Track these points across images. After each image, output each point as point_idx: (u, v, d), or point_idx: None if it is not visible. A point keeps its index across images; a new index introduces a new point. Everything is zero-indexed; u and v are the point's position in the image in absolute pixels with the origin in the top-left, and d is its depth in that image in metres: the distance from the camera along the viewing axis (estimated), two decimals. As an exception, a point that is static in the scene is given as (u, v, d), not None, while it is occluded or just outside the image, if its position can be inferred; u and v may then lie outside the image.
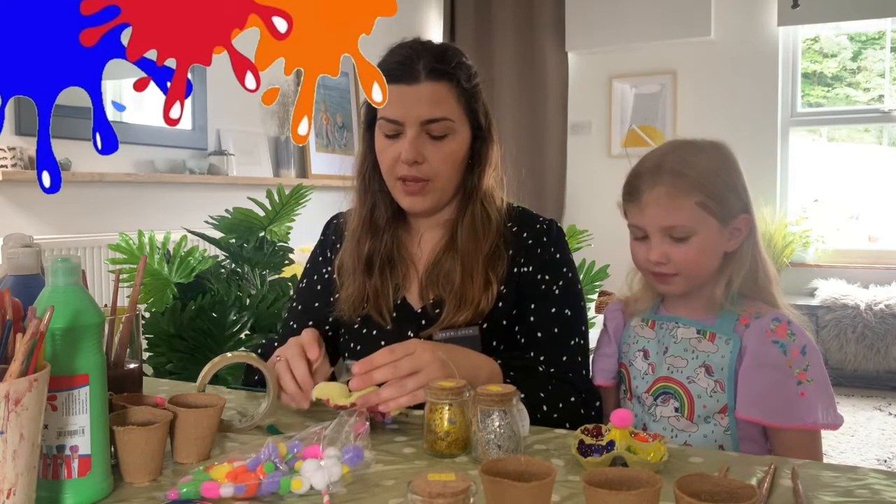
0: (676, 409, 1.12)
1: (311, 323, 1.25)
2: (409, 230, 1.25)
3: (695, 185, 1.09)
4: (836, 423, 1.06)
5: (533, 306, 1.19)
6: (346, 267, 1.23)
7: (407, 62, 1.14)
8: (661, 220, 1.10)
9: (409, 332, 1.17)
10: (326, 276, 1.29)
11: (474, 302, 1.15)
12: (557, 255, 1.22)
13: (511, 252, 1.20)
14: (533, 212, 1.28)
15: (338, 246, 1.29)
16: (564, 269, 1.22)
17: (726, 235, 1.11)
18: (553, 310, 1.18)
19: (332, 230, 1.33)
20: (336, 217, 1.34)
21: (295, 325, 1.28)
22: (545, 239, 1.22)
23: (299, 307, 1.31)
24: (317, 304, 1.28)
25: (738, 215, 1.11)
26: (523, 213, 1.26)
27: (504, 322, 1.18)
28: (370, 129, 1.21)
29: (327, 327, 1.26)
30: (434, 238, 1.24)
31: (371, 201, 1.23)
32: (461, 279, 1.16)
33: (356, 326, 1.22)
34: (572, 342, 1.18)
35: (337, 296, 1.24)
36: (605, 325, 1.26)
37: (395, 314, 1.20)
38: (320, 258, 1.32)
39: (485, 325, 1.17)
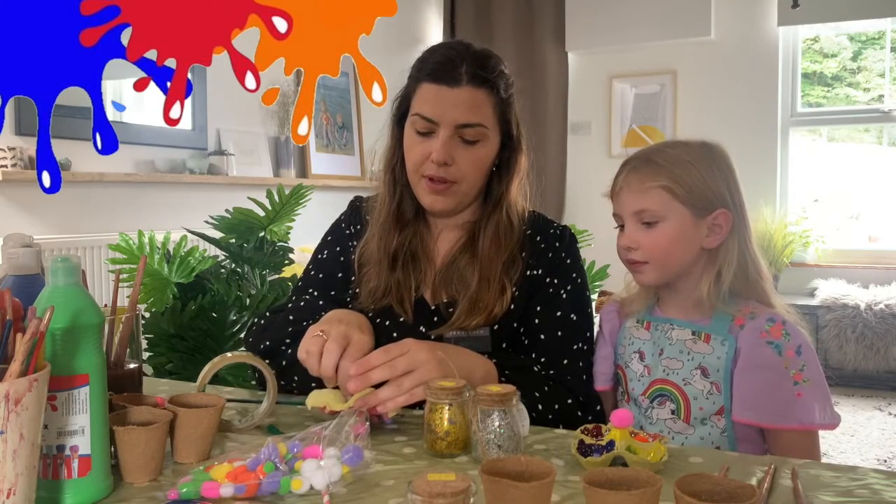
0: (673, 412, 1.12)
1: (332, 293, 1.25)
2: (429, 227, 1.26)
3: (663, 170, 1.11)
4: (833, 422, 1.06)
5: (539, 308, 1.19)
6: (370, 258, 1.22)
7: (450, 63, 1.15)
8: (631, 205, 1.12)
9: (422, 328, 1.18)
10: (352, 248, 1.28)
11: (488, 307, 1.15)
12: (568, 261, 1.23)
13: (524, 255, 1.21)
14: (548, 217, 1.29)
15: (358, 227, 1.28)
16: (574, 275, 1.22)
17: (703, 230, 1.11)
18: (558, 313, 1.19)
19: (355, 211, 1.32)
20: (358, 199, 1.34)
21: (315, 293, 1.27)
22: (557, 244, 1.23)
23: (320, 275, 1.29)
24: (340, 275, 1.27)
25: (716, 210, 1.11)
26: (538, 218, 1.27)
27: (515, 325, 1.19)
28: (400, 123, 1.21)
29: (348, 298, 1.25)
30: (452, 238, 1.24)
31: (399, 195, 1.23)
32: (477, 284, 1.17)
33: (370, 315, 1.20)
34: (575, 346, 1.18)
35: (353, 278, 1.24)
36: (600, 326, 1.26)
37: (413, 310, 1.20)
38: (347, 231, 1.31)
39: (495, 327, 1.17)
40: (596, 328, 1.28)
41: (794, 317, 1.11)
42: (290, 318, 1.21)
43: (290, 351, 1.13)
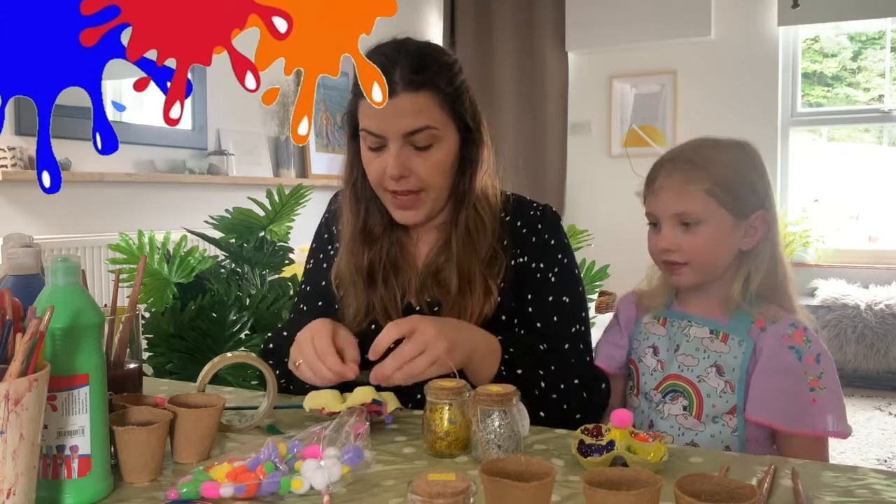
0: (685, 408, 1.12)
1: (320, 304, 1.25)
2: (407, 232, 1.23)
3: (706, 173, 1.09)
4: (845, 432, 1.07)
5: (530, 296, 1.17)
6: (344, 279, 1.20)
7: (382, 73, 1.11)
8: (672, 207, 1.11)
9: None
10: (332, 252, 1.27)
11: (475, 314, 1.13)
12: (552, 241, 1.19)
13: (506, 243, 1.18)
14: (527, 198, 1.25)
15: (341, 227, 1.26)
16: (559, 256, 1.19)
17: (741, 232, 1.11)
18: (550, 298, 1.16)
19: (335, 211, 1.30)
20: (338, 194, 1.31)
21: (305, 308, 1.28)
22: (539, 226, 1.20)
23: (308, 288, 1.29)
24: (324, 283, 1.26)
25: (755, 212, 1.11)
26: (517, 202, 1.23)
27: (503, 317, 1.17)
28: (355, 137, 1.17)
29: (336, 305, 1.24)
30: (430, 241, 1.22)
31: (364, 211, 1.19)
32: (458, 288, 1.14)
33: (359, 336, 1.19)
34: (573, 329, 1.16)
35: (337, 305, 1.23)
36: (616, 315, 1.26)
37: (402, 317, 1.17)
38: (325, 235, 1.30)
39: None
40: (602, 323, 1.27)
41: (813, 324, 1.11)
42: (271, 346, 1.22)
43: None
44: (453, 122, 1.14)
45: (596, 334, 1.25)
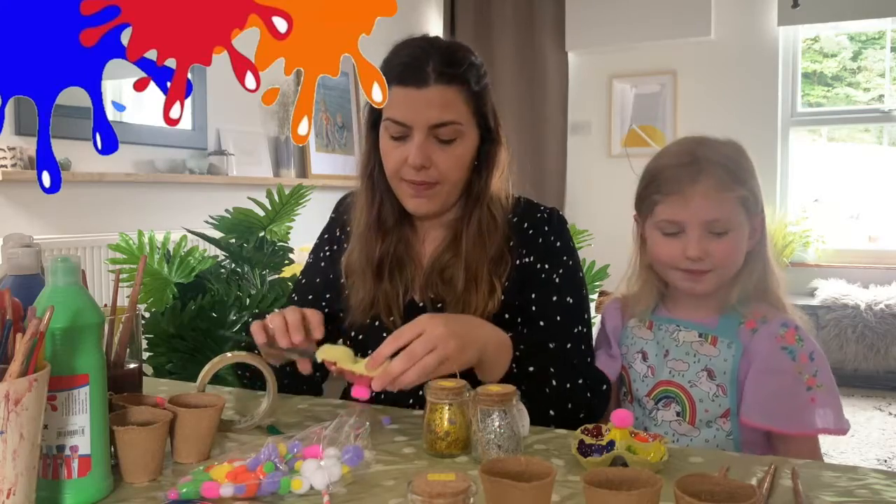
0: (678, 414, 1.11)
1: (310, 297, 1.27)
2: (414, 229, 1.24)
3: (739, 179, 1.08)
4: (843, 428, 1.06)
5: (534, 296, 1.17)
6: (354, 269, 1.21)
7: (415, 63, 1.11)
8: (707, 214, 1.07)
9: None
10: (329, 252, 1.30)
11: (478, 311, 1.13)
12: (558, 244, 1.20)
13: (512, 244, 1.19)
14: (534, 201, 1.26)
15: (347, 229, 1.26)
16: (565, 258, 1.20)
17: (748, 234, 1.11)
18: (554, 298, 1.17)
19: (344, 209, 1.31)
20: (348, 196, 1.33)
21: (296, 298, 1.30)
22: (546, 228, 1.21)
23: (304, 281, 1.33)
24: (318, 280, 1.29)
25: (759, 215, 1.11)
26: (525, 204, 1.24)
27: (506, 315, 1.17)
28: (374, 128, 1.19)
29: (324, 304, 1.26)
30: (437, 238, 1.22)
31: (379, 201, 1.21)
32: (464, 285, 1.15)
33: (367, 322, 1.20)
34: (576, 330, 1.16)
35: (344, 294, 1.23)
36: (602, 324, 1.25)
37: (403, 315, 1.18)
38: (326, 235, 1.33)
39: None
40: (598, 326, 1.27)
41: (804, 322, 1.11)
42: None
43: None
44: (475, 120, 1.16)
45: (594, 334, 1.25)
